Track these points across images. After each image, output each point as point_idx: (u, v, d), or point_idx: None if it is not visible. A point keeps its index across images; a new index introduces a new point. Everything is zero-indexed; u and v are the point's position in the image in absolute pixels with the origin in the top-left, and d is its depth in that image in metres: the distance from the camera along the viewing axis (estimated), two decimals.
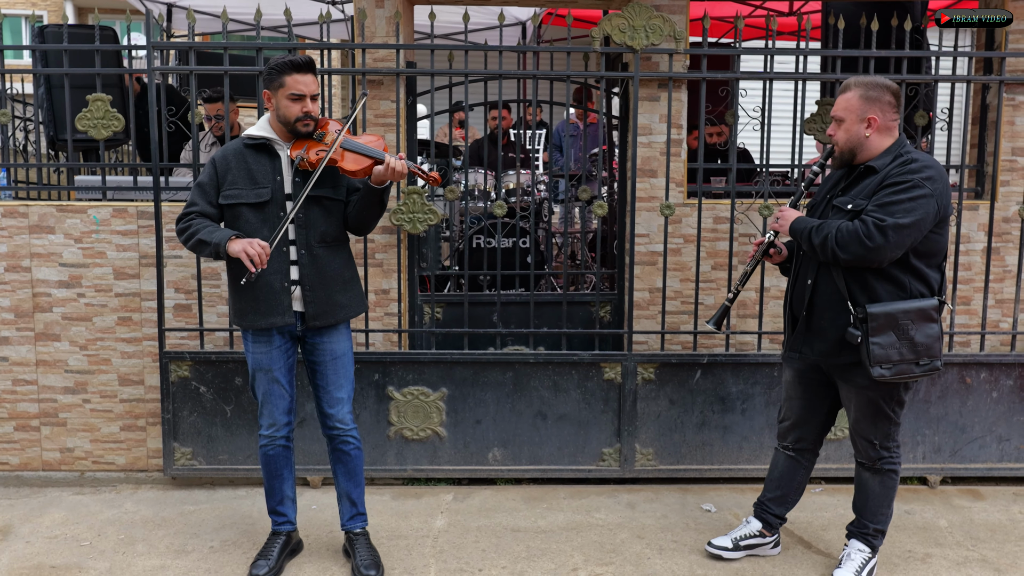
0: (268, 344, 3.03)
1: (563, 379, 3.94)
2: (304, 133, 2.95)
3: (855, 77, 2.95)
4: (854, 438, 3.07)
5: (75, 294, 3.95)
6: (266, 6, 4.37)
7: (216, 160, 2.99)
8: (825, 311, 2.93)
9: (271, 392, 3.07)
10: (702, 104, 3.92)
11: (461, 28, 7.31)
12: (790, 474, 3.27)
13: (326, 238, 3.02)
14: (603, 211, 3.96)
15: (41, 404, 4.00)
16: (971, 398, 4.00)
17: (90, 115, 3.90)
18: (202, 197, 2.98)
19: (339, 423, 3.12)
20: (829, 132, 2.96)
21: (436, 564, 3.25)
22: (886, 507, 3.09)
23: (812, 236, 2.85)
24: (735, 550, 3.30)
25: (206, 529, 3.55)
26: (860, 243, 2.72)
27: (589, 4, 4.30)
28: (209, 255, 2.90)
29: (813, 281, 2.95)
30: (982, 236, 4.09)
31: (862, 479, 3.11)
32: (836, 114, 2.91)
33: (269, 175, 2.96)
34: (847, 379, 2.96)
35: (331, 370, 3.09)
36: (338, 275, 3.05)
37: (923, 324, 2.79)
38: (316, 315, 3.01)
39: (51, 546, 3.39)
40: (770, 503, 3.31)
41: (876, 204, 2.75)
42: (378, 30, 3.90)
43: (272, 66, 2.91)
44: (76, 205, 3.93)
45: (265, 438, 3.11)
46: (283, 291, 2.97)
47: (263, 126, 3.01)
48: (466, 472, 4.00)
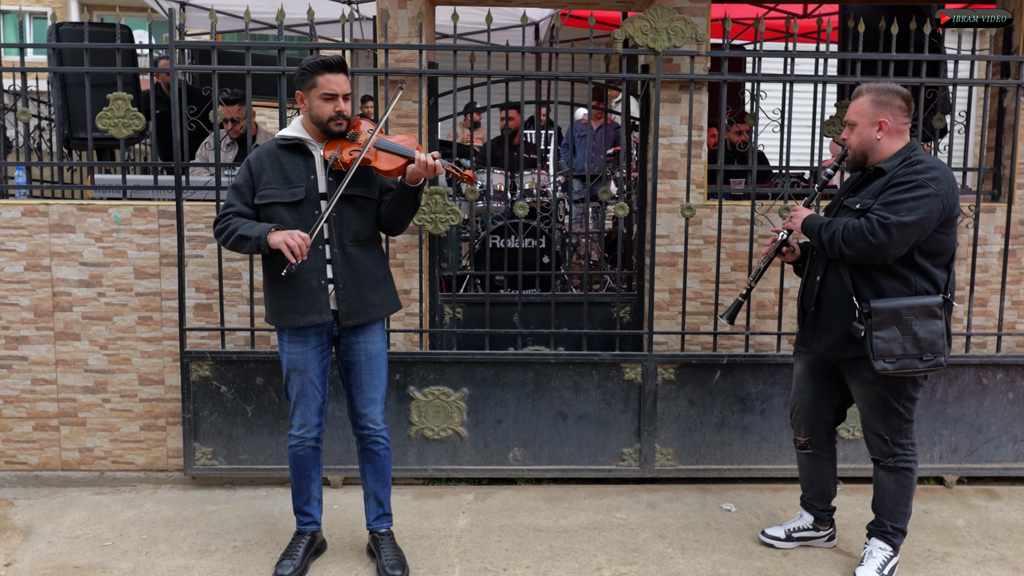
0: (304, 344, 3.04)
1: (583, 379, 3.96)
2: (337, 133, 2.96)
3: (867, 83, 3.06)
4: (866, 434, 3.13)
5: (95, 293, 3.94)
6: (287, 5, 4.38)
7: (251, 162, 3.00)
8: (833, 306, 3.02)
9: (305, 393, 3.07)
10: (723, 106, 3.94)
11: (477, 28, 7.37)
12: (816, 470, 3.34)
13: (359, 237, 3.03)
14: (624, 212, 3.97)
15: (60, 403, 3.99)
16: (987, 399, 4.02)
17: (111, 114, 3.89)
18: (238, 198, 2.99)
19: (371, 423, 3.13)
20: (843, 136, 3.07)
21: (460, 564, 3.26)
22: (903, 505, 3.12)
23: (821, 233, 2.96)
24: (787, 540, 3.41)
25: (228, 529, 3.55)
26: (865, 239, 2.82)
27: (609, 6, 4.31)
28: (250, 250, 2.91)
29: (822, 277, 3.05)
30: (999, 238, 4.11)
31: (878, 478, 3.16)
32: (849, 118, 3.03)
33: (303, 175, 2.97)
34: (854, 373, 3.04)
35: (365, 370, 3.09)
36: (371, 274, 3.06)
37: (926, 320, 2.87)
38: (349, 314, 3.02)
39: (73, 546, 3.38)
40: (812, 500, 3.40)
41: (881, 203, 2.85)
42: (400, 31, 3.91)
43: (304, 66, 2.92)
44: (97, 204, 3.93)
45: (296, 438, 3.12)
46: (320, 289, 2.98)
47: (296, 127, 3.02)
48: (487, 472, 4.01)
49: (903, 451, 3.07)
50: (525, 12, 4.03)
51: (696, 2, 3.90)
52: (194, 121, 4.02)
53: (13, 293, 3.92)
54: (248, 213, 2.99)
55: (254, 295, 3.92)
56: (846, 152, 3.06)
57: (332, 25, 7.65)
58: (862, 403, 3.08)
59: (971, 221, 4.05)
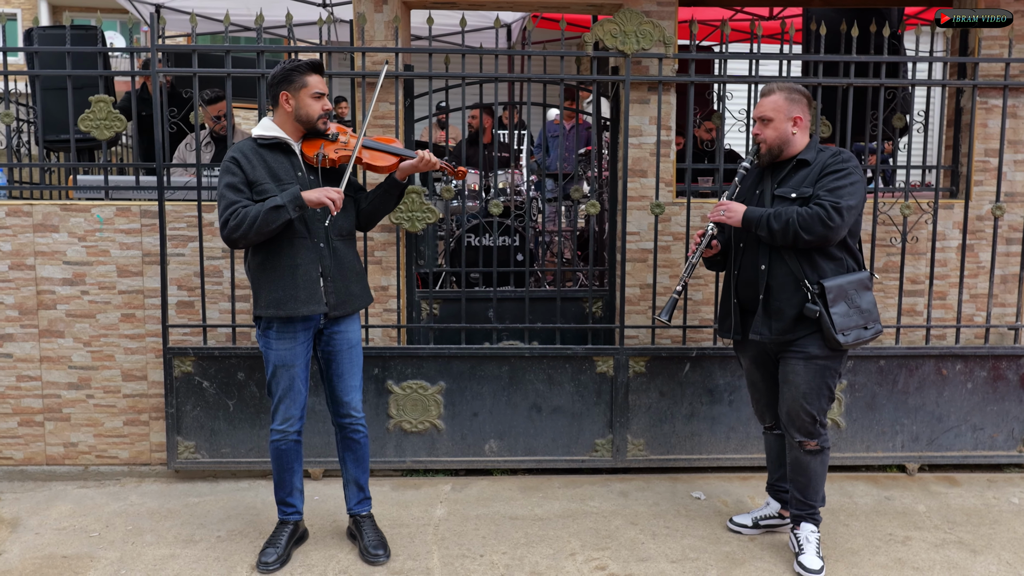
0: (292, 340, 3.12)
1: (557, 372, 4.07)
2: (321, 130, 3.09)
3: (776, 82, 3.25)
4: (794, 415, 3.19)
5: (79, 291, 4.02)
6: (263, 7, 4.46)
7: (239, 160, 3.03)
8: (781, 292, 3.15)
9: (292, 388, 3.16)
10: (690, 106, 4.06)
11: (451, 30, 7.48)
12: (783, 451, 3.44)
13: (343, 232, 3.16)
14: (596, 210, 4.09)
15: (45, 400, 4.06)
16: (947, 389, 4.17)
17: (93, 116, 3.97)
18: (239, 195, 2.99)
19: (353, 411, 3.25)
20: (755, 131, 3.21)
21: (439, 550, 3.36)
22: (823, 483, 3.29)
23: (771, 222, 3.06)
24: (754, 528, 3.53)
25: (212, 520, 3.64)
26: (823, 224, 2.98)
27: (580, 9, 4.42)
28: (284, 218, 2.92)
29: (767, 266, 3.16)
30: (957, 234, 4.27)
31: (803, 462, 3.23)
32: (765, 114, 3.17)
33: (290, 172, 3.07)
34: (797, 352, 3.15)
35: (346, 359, 3.21)
36: (352, 267, 3.20)
37: (864, 292, 3.12)
38: (336, 305, 3.14)
39: (61, 537, 3.47)
40: (779, 483, 3.51)
41: (825, 190, 3.03)
42: (376, 34, 4.01)
43: (292, 68, 3.03)
44: (80, 204, 4.00)
45: (278, 433, 3.20)
46: (318, 279, 3.09)
47: (269, 126, 3.10)
48: (464, 463, 4.12)
49: (824, 431, 3.22)
50: (498, 16, 4.14)
51: (664, 6, 4.02)
52: (175, 122, 4.10)
53: None
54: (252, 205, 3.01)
55: (235, 292, 4.01)
56: (759, 147, 3.20)
57: (306, 28, 7.73)
58: (800, 381, 3.15)
59: (930, 217, 4.20)
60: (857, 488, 4.03)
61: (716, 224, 3.25)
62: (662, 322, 3.29)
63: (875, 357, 4.11)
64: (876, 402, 4.15)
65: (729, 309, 3.35)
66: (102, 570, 3.19)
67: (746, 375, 3.46)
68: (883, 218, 4.21)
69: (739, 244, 3.29)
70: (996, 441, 4.22)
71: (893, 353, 4.12)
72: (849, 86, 4.09)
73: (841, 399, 4.13)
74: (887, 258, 4.26)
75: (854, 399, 4.14)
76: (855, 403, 4.14)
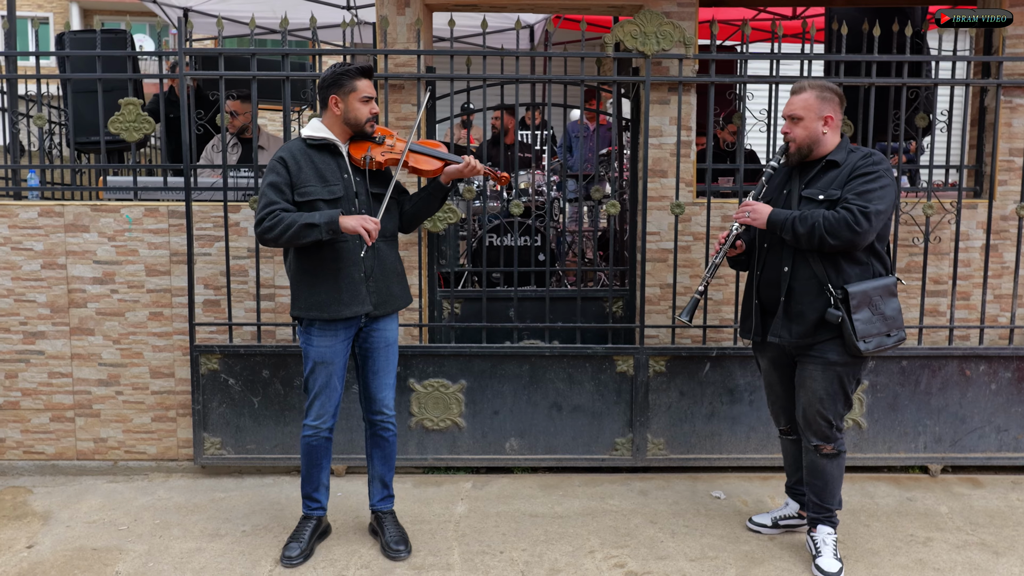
0: (334, 338, 3.18)
1: (577, 372, 4.10)
2: (369, 133, 3.16)
3: (807, 79, 3.17)
4: (811, 420, 3.17)
5: (108, 290, 4.11)
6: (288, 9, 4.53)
7: (286, 160, 3.08)
8: (803, 296, 3.09)
9: (328, 386, 3.22)
10: (711, 107, 4.07)
11: (473, 31, 7.52)
12: (799, 455, 3.44)
13: (386, 233, 3.22)
14: (616, 210, 4.11)
15: (76, 396, 4.16)
16: (971, 390, 4.15)
17: (122, 118, 4.05)
18: (280, 196, 3.05)
19: (384, 408, 3.31)
20: (784, 130, 3.13)
21: (459, 547, 3.41)
22: (840, 486, 3.27)
23: (796, 225, 3.00)
24: (773, 527, 3.53)
25: (237, 515, 3.71)
26: (850, 229, 2.92)
27: (601, 11, 4.45)
28: (315, 237, 2.96)
29: (791, 268, 3.11)
30: (981, 234, 4.24)
31: (818, 465, 3.22)
32: (795, 113, 3.09)
33: (337, 174, 3.13)
34: (816, 356, 3.11)
35: (383, 357, 3.28)
36: (394, 268, 3.27)
37: (889, 299, 3.05)
38: (378, 304, 3.20)
39: (91, 530, 3.55)
40: (796, 486, 3.51)
41: (854, 193, 2.97)
42: (399, 36, 4.06)
43: (342, 72, 3.10)
44: (110, 205, 4.09)
45: (311, 429, 3.26)
46: (361, 281, 3.15)
47: (318, 127, 3.17)
48: (484, 461, 4.16)
49: (841, 435, 3.20)
50: (519, 17, 4.18)
51: (684, 6, 4.04)
52: (201, 124, 4.18)
53: (31, 290, 4.09)
54: (291, 210, 3.05)
55: (260, 291, 4.08)
56: (787, 146, 3.14)
57: (330, 30, 7.81)
58: (817, 386, 3.12)
59: (953, 217, 4.17)
60: (879, 489, 4.02)
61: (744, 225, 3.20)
62: (683, 322, 3.26)
63: (897, 358, 4.09)
64: (898, 403, 4.13)
65: (750, 309, 3.31)
66: (131, 562, 3.26)
67: (763, 376, 3.45)
68: (906, 218, 4.19)
69: (763, 244, 3.24)
70: (1021, 443, 4.18)
71: (915, 353, 4.10)
72: (871, 86, 4.08)
73: (863, 399, 4.12)
74: (910, 258, 4.25)
75: (876, 400, 4.12)
76: (877, 404, 4.13)
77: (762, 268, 3.23)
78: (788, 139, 3.13)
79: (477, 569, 3.22)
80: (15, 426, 4.16)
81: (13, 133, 4.28)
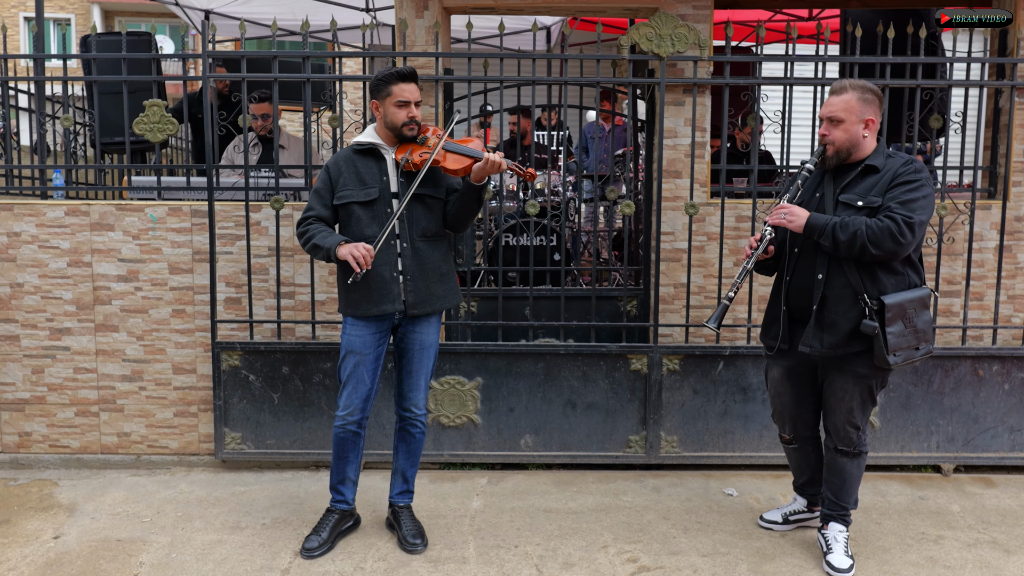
0: (365, 329, 3.28)
1: (592, 370, 4.15)
2: (409, 137, 3.21)
3: (848, 80, 3.04)
4: (839, 428, 3.16)
5: (132, 288, 4.20)
6: (308, 12, 4.61)
7: (330, 167, 3.26)
8: (837, 304, 2.99)
9: (355, 376, 3.29)
10: (725, 108, 4.11)
11: (490, 33, 7.58)
12: (804, 461, 3.46)
13: (427, 233, 3.27)
14: (631, 210, 4.16)
15: (100, 391, 4.25)
16: (984, 390, 4.16)
17: (147, 119, 4.14)
18: (319, 202, 3.24)
19: (415, 407, 3.38)
20: (823, 132, 3.02)
21: (475, 541, 3.46)
22: (858, 485, 3.28)
23: (837, 232, 2.89)
24: (784, 524, 3.55)
25: (257, 508, 3.78)
26: (894, 239, 2.83)
27: (617, 13, 4.50)
28: (322, 258, 3.18)
29: (825, 276, 3.00)
30: (994, 234, 4.25)
31: (839, 464, 3.21)
32: (835, 114, 2.98)
33: (376, 176, 3.22)
34: (847, 369, 3.05)
35: (417, 358, 3.34)
36: (436, 268, 3.30)
37: (922, 312, 2.98)
38: (415, 303, 3.26)
39: (115, 522, 3.64)
40: (804, 486, 3.53)
41: (897, 202, 2.87)
42: (418, 39, 4.13)
43: (380, 77, 3.18)
44: (134, 204, 4.18)
45: (339, 419, 3.34)
46: (392, 280, 3.23)
47: (370, 133, 3.28)
48: (499, 457, 4.22)
49: (866, 436, 3.20)
50: (536, 19, 4.23)
51: (699, 9, 4.08)
52: (224, 125, 4.27)
53: (57, 287, 4.19)
54: (326, 216, 3.23)
55: (280, 289, 4.16)
56: (824, 149, 3.03)
57: (350, 32, 7.90)
58: (848, 397, 3.09)
59: (967, 218, 4.19)
60: (891, 487, 4.05)
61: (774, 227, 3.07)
62: (711, 328, 3.10)
63: None
64: (911, 402, 4.16)
65: (777, 316, 3.19)
66: (154, 553, 3.34)
67: (771, 384, 3.35)
68: None
69: (793, 249, 3.13)
70: None
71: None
72: (885, 87, 4.10)
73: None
74: (923, 258, 4.26)
75: (889, 399, 4.15)
76: (890, 403, 4.15)
77: (792, 273, 3.12)
78: (826, 141, 3.01)
79: (492, 563, 3.27)
80: (41, 420, 4.26)
81: (40, 133, 4.38)
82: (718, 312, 3.11)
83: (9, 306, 4.20)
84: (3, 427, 4.26)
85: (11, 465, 4.27)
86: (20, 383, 4.24)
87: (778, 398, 3.35)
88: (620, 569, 3.24)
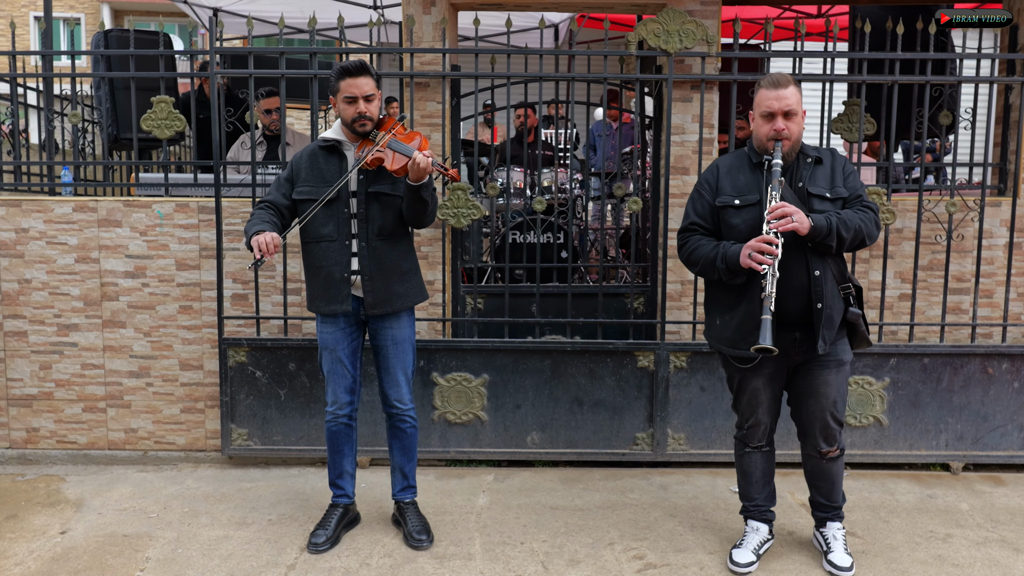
0: (334, 326, 3.29)
1: (599, 367, 4.14)
2: (362, 133, 3.18)
3: (780, 74, 2.96)
4: (824, 425, 3.06)
5: (140, 284, 4.21)
6: (317, 10, 4.61)
7: (293, 162, 3.29)
8: (831, 299, 2.95)
9: (334, 371, 3.32)
10: (733, 105, 4.10)
11: (498, 30, 7.58)
12: (770, 467, 3.31)
13: (384, 232, 3.23)
14: (638, 207, 4.15)
15: (107, 387, 4.26)
16: (993, 388, 4.14)
17: (155, 116, 4.15)
18: (276, 190, 3.28)
19: (397, 402, 3.37)
20: (779, 127, 2.88)
21: (481, 537, 3.46)
22: (842, 481, 3.26)
23: (840, 230, 2.85)
24: (758, 560, 3.24)
25: (263, 504, 3.79)
26: (877, 227, 2.96)
27: (624, 9, 4.48)
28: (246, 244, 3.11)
29: (821, 272, 2.93)
30: (1004, 231, 4.23)
31: (824, 469, 3.16)
32: (791, 107, 2.88)
33: (336, 174, 3.20)
34: (830, 360, 3.00)
35: (392, 354, 3.33)
36: (396, 266, 3.27)
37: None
38: (374, 303, 3.24)
39: (122, 517, 3.64)
40: (764, 503, 3.31)
41: (860, 193, 2.98)
42: (425, 35, 4.12)
43: (331, 74, 3.16)
44: (142, 200, 4.19)
45: (329, 414, 3.37)
46: (343, 281, 3.22)
47: (336, 130, 3.26)
48: (506, 454, 4.21)
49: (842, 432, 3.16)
50: (543, 17, 4.23)
51: (707, 5, 4.06)
52: (231, 122, 4.27)
53: (65, 284, 4.20)
54: (281, 203, 3.25)
55: (287, 286, 4.16)
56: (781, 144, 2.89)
57: (358, 29, 7.91)
58: (831, 391, 3.02)
59: (976, 215, 4.17)
60: (899, 486, 4.03)
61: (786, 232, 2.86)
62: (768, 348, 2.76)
63: (919, 355, 4.10)
64: (920, 400, 4.13)
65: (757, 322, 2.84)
66: (160, 548, 3.35)
67: (749, 394, 3.15)
68: (929, 216, 4.19)
69: None
70: None
71: (938, 351, 4.10)
72: (895, 83, 4.09)
73: (884, 397, 4.12)
74: (932, 255, 4.24)
75: (897, 397, 4.13)
76: (898, 401, 4.13)
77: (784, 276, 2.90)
78: (783, 136, 2.88)
79: (498, 559, 3.27)
80: (49, 416, 4.27)
81: (49, 130, 4.39)
82: (765, 331, 2.78)
83: (17, 302, 4.21)
84: (11, 423, 4.28)
85: (19, 460, 4.28)
86: (28, 379, 4.25)
87: (758, 407, 3.16)
88: (626, 566, 3.23)
